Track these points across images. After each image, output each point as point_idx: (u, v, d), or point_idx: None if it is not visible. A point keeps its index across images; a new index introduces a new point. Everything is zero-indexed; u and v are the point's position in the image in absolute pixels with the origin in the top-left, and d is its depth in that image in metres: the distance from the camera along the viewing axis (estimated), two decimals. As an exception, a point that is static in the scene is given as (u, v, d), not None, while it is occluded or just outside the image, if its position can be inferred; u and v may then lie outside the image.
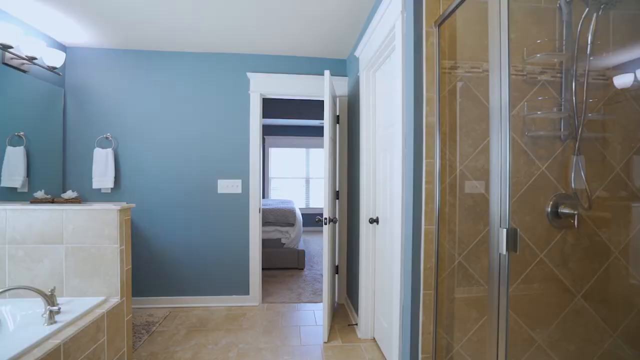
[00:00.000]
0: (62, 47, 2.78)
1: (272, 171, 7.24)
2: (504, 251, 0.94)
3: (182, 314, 2.78)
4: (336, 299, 3.04)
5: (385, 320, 2.10)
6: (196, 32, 2.58)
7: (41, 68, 2.50)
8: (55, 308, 1.46)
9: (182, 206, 2.94)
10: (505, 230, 0.94)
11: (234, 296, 2.98)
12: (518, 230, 0.94)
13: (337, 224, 2.98)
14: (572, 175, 1.50)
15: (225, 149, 2.97)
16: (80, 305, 1.62)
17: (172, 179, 2.94)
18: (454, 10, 1.30)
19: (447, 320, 1.49)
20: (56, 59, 2.50)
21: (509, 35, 0.95)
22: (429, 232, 1.47)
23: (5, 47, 2.11)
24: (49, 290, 1.53)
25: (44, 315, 1.44)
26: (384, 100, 2.15)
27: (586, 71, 1.48)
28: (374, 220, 2.26)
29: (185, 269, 2.96)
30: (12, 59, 2.23)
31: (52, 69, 2.55)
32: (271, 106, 5.44)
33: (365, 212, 2.35)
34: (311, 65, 3.06)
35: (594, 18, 1.46)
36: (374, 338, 2.35)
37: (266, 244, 3.99)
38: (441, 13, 1.43)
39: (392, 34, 1.75)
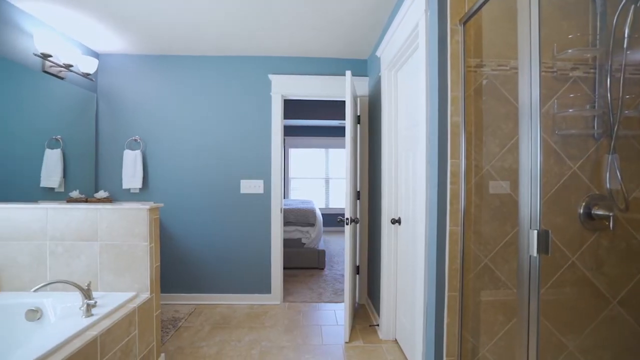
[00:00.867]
0: (95, 54, 2.92)
1: (292, 171, 7.30)
2: (534, 253, 0.91)
3: (207, 311, 2.86)
4: (357, 299, 3.04)
5: (407, 321, 2.08)
6: (220, 37, 2.64)
7: (76, 74, 2.64)
8: (92, 302, 1.54)
9: (206, 206, 3.03)
10: (536, 231, 0.91)
11: (256, 294, 3.03)
12: (550, 232, 0.92)
13: (358, 224, 2.98)
14: (607, 175, 1.44)
15: (247, 150, 3.03)
16: (114, 299, 1.70)
17: (197, 179, 3.02)
18: (480, 7, 1.28)
19: (472, 323, 1.46)
20: (90, 65, 2.63)
21: (540, 30, 0.93)
22: (453, 233, 1.45)
23: (46, 56, 2.25)
24: (86, 284, 1.61)
25: (82, 308, 1.52)
26: (406, 99, 2.13)
27: (623, 66, 1.41)
28: (395, 221, 2.25)
29: (209, 267, 3.04)
30: (50, 67, 2.37)
31: (86, 75, 2.68)
32: (290, 107, 5.50)
33: (387, 213, 2.34)
34: (332, 66, 3.07)
35: (632, 10, 1.39)
36: (396, 339, 2.34)
37: (287, 243, 4.03)
38: (466, 11, 1.40)
39: (415, 32, 1.74)
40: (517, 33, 1.02)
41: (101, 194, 2.54)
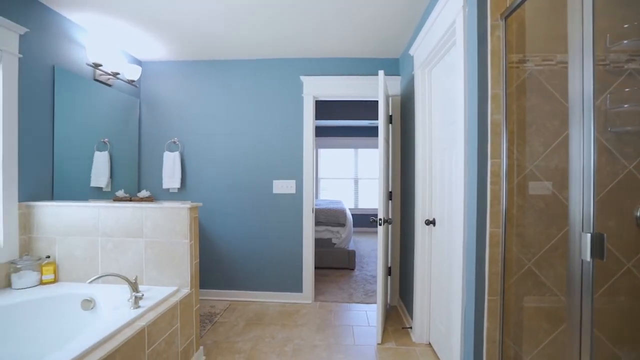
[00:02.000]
0: (138, 62, 3.10)
1: (321, 172, 7.34)
2: (587, 258, 0.87)
3: (240, 307, 2.94)
4: (388, 301, 3.00)
5: (442, 325, 2.03)
6: (254, 42, 2.72)
7: (122, 81, 2.82)
8: (139, 294, 1.64)
9: (239, 205, 3.12)
10: (589, 235, 0.86)
11: (288, 293, 3.08)
12: (605, 235, 0.86)
13: (390, 225, 2.94)
14: (668, 175, 1.33)
15: (280, 151, 3.09)
16: (157, 293, 1.80)
17: (231, 179, 3.13)
18: (523, 1, 1.23)
19: (514, 329, 1.40)
20: (134, 73, 2.80)
21: (593, 20, 0.87)
22: (494, 235, 1.40)
23: (97, 65, 2.43)
24: (133, 278, 1.72)
25: (130, 300, 1.63)
26: (441, 98, 2.08)
27: (686, 57, 1.30)
28: (430, 222, 2.20)
29: (242, 264, 3.13)
30: (100, 75, 2.55)
31: (130, 82, 2.86)
32: (319, 107, 5.53)
33: (420, 214, 2.29)
34: (363, 66, 3.06)
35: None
36: (430, 343, 2.29)
37: (317, 243, 4.06)
38: (508, 5, 1.35)
39: (451, 29, 1.69)
40: (566, 24, 0.97)
41: (143, 193, 2.68)
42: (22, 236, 1.96)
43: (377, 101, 3.08)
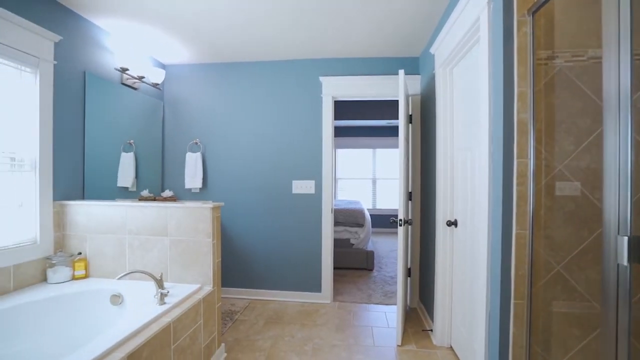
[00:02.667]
0: (162, 66, 3.20)
1: (339, 172, 7.33)
2: (624, 262, 0.83)
3: (260, 306, 2.98)
4: (408, 303, 2.96)
5: (465, 328, 1.99)
6: (275, 43, 2.75)
7: (147, 85, 2.91)
8: (164, 291, 1.69)
9: (259, 205, 3.16)
10: (626, 238, 0.83)
11: (307, 293, 3.10)
12: (644, 238, 0.82)
13: (410, 225, 2.91)
14: None
15: (299, 151, 3.11)
16: (181, 290, 1.85)
17: (251, 180, 3.17)
18: (553, -5, 1.19)
19: (543, 335, 1.36)
20: (158, 76, 2.89)
21: (631, 11, 0.83)
22: (520, 237, 1.36)
23: (124, 70, 2.52)
24: (159, 275, 1.78)
25: (156, 297, 1.68)
26: (464, 97, 2.04)
27: None
28: (451, 223, 2.16)
29: (262, 264, 3.17)
30: (127, 79, 2.65)
31: (155, 85, 2.95)
32: (337, 107, 5.52)
33: (442, 215, 2.25)
34: (382, 65, 3.03)
35: None
36: (451, 346, 2.24)
37: (335, 243, 4.06)
38: (535, 0, 1.31)
39: (475, 26, 1.66)
40: (600, 18, 0.93)
41: (167, 193, 2.76)
42: (56, 233, 2.06)
43: (395, 100, 3.05)
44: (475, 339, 1.77)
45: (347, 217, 4.22)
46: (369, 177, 7.26)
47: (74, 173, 2.24)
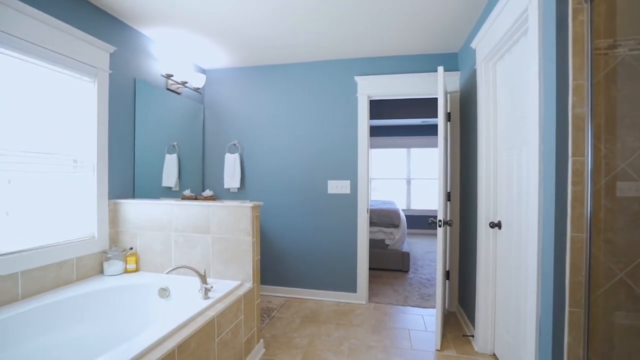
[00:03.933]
0: (202, 71, 3.34)
1: (372, 172, 7.25)
2: None
3: (296, 304, 3.02)
4: (447, 306, 2.87)
5: (510, 335, 1.89)
6: (311, 45, 2.77)
7: (189, 89, 3.06)
8: (208, 286, 1.77)
9: (295, 205, 3.21)
10: None
11: (342, 292, 3.10)
12: None
13: (450, 226, 2.81)
14: None
15: (334, 151, 3.12)
16: (223, 286, 1.92)
17: (287, 180, 3.23)
18: (615, -21, 1.10)
19: (602, 347, 1.26)
20: (199, 81, 3.02)
21: None
22: (576, 241, 1.27)
23: (169, 76, 2.67)
24: (202, 271, 1.86)
25: (200, 292, 1.76)
26: (508, 93, 1.93)
27: None
28: (495, 225, 2.06)
29: (297, 262, 3.22)
30: (171, 84, 2.80)
31: (196, 89, 3.09)
32: (371, 107, 5.46)
33: (484, 216, 2.16)
34: (418, 63, 2.96)
35: None
36: (494, 354, 2.14)
37: (370, 244, 4.02)
38: (594, -15, 1.21)
39: (523, 17, 1.57)
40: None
41: (207, 192, 2.88)
42: (111, 229, 2.23)
43: (431, 98, 2.96)
44: (523, 347, 1.68)
45: (382, 218, 4.17)
46: (402, 177, 7.11)
47: (126, 173, 2.40)
